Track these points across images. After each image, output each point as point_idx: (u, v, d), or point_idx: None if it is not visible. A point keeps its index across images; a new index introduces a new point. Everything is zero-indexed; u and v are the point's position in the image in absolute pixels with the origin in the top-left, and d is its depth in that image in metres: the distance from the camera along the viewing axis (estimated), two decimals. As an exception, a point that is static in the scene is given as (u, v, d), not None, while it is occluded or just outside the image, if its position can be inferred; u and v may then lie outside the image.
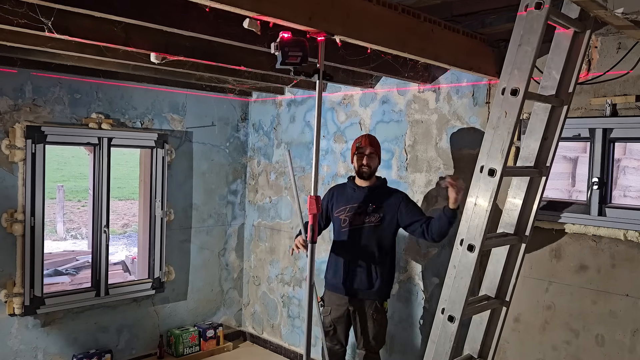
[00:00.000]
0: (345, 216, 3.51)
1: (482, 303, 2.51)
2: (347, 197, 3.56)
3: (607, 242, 3.05)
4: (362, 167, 3.48)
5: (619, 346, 3.02)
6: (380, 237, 3.44)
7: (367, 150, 3.48)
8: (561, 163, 4.05)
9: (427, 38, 2.84)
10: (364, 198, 3.49)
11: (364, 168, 3.48)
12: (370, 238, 3.44)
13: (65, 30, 2.54)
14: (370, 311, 3.44)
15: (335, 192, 3.67)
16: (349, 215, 3.49)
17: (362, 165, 3.48)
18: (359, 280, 3.43)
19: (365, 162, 3.47)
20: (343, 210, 3.54)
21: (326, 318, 3.58)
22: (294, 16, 2.18)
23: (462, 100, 3.71)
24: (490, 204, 2.16)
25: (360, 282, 3.43)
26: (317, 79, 2.48)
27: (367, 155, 3.47)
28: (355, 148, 3.53)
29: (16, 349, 4.08)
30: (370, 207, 3.45)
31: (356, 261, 3.45)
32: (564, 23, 2.33)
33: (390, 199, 3.46)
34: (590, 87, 3.09)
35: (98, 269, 4.46)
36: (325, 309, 3.59)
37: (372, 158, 3.50)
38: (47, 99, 4.10)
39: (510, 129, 2.14)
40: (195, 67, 3.58)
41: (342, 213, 3.54)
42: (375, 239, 3.43)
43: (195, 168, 5.06)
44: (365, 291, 3.44)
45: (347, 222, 3.49)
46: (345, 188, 3.63)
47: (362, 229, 3.45)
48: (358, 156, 3.50)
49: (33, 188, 4.03)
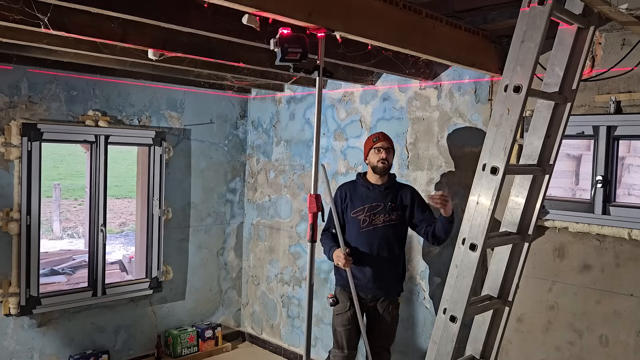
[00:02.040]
0: (365, 216, 3.47)
1: (485, 303, 2.49)
2: (362, 197, 3.52)
3: (611, 241, 3.03)
4: (379, 162, 3.45)
5: (623, 347, 3.00)
6: (399, 234, 3.49)
7: (385, 145, 3.48)
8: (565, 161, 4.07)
9: (429, 34, 2.83)
10: (382, 197, 3.48)
11: (381, 163, 3.45)
12: (391, 236, 3.46)
13: (61, 27, 2.53)
14: (390, 307, 3.48)
15: (348, 191, 3.58)
16: (369, 215, 3.47)
17: (380, 160, 3.45)
18: (387, 279, 3.47)
19: (385, 156, 3.45)
20: (361, 211, 3.49)
21: (344, 315, 3.49)
22: (293, 12, 2.18)
23: (464, 97, 3.69)
24: (492, 203, 2.14)
25: (388, 280, 3.47)
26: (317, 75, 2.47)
27: (385, 150, 3.47)
28: (371, 143, 3.51)
29: (12, 349, 4.05)
30: (389, 205, 3.46)
31: (381, 260, 3.44)
32: (567, 19, 2.30)
33: (404, 195, 3.50)
34: (594, 84, 3.07)
35: (95, 269, 4.45)
36: (341, 306, 3.49)
37: (390, 153, 3.50)
38: (43, 96, 4.09)
39: (513, 126, 2.12)
40: (194, 64, 3.57)
41: (360, 213, 3.49)
42: (395, 237, 3.47)
43: (194, 166, 5.04)
44: (391, 288, 3.50)
45: (368, 222, 3.46)
46: (357, 186, 3.57)
47: (383, 228, 3.45)
48: (375, 151, 3.47)
49: (29, 186, 4.01)
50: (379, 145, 3.47)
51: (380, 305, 3.48)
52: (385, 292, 3.47)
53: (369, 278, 3.43)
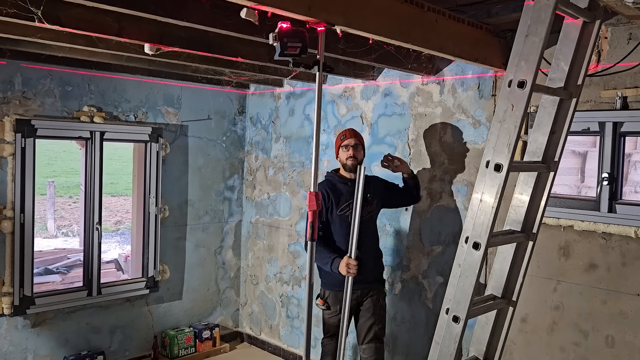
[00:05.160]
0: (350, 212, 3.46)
1: (488, 303, 2.48)
2: (344, 193, 3.51)
3: (618, 239, 3.02)
4: (348, 159, 3.50)
5: (629, 347, 2.99)
6: (375, 224, 3.62)
7: (352, 142, 3.51)
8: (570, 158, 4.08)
9: (431, 28, 2.81)
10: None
11: (350, 160, 3.49)
12: (371, 227, 3.56)
13: (55, 20, 2.51)
14: (379, 299, 3.54)
15: (329, 191, 3.53)
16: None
17: (348, 158, 3.50)
18: (375, 270, 3.56)
19: (352, 153, 3.49)
20: (347, 207, 3.48)
21: (333, 319, 3.53)
22: (293, 6, 2.17)
23: (468, 92, 3.67)
24: (496, 201, 2.12)
25: (375, 271, 3.58)
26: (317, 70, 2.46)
27: (352, 147, 3.51)
28: (339, 141, 3.56)
29: (5, 350, 4.03)
30: (368, 196, 3.50)
31: (368, 252, 3.49)
32: (572, 13, 2.28)
33: (375, 183, 3.62)
34: (600, 79, 3.06)
35: (90, 268, 4.43)
36: (333, 310, 3.52)
37: (358, 150, 3.53)
38: (37, 92, 4.06)
39: (517, 122, 2.10)
40: (191, 59, 3.56)
41: (346, 210, 3.48)
42: (373, 227, 3.59)
43: (191, 163, 5.02)
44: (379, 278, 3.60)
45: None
46: (335, 184, 3.55)
47: (368, 219, 3.51)
48: (344, 149, 3.53)
49: (23, 184, 4.00)
50: (346, 142, 3.52)
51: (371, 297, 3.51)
52: (374, 284, 3.54)
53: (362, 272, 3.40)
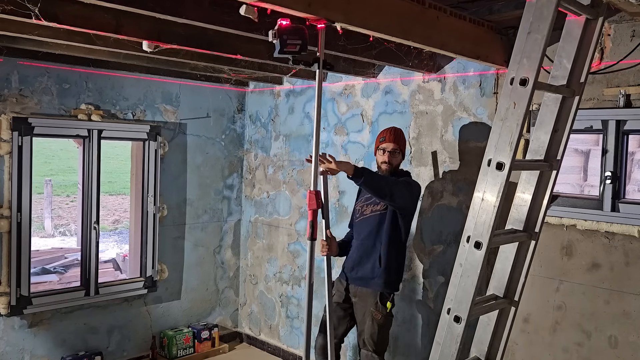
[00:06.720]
0: (360, 206, 3.58)
1: (490, 303, 2.46)
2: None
3: (621, 239, 3.01)
4: (382, 164, 3.47)
5: (633, 348, 2.98)
6: (385, 226, 3.43)
7: (389, 147, 3.46)
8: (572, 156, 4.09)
9: (432, 25, 2.81)
10: None
11: (384, 165, 3.46)
12: (376, 226, 3.46)
13: (53, 17, 2.51)
14: (371, 308, 3.39)
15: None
16: (362, 206, 3.57)
17: (383, 162, 3.47)
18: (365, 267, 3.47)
19: (387, 159, 3.45)
20: (360, 202, 3.61)
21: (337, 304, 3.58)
22: (292, 3, 2.17)
23: (469, 90, 3.66)
24: (498, 199, 2.11)
25: (365, 269, 3.46)
26: (317, 68, 2.47)
27: (389, 152, 3.46)
28: (378, 142, 3.52)
29: (2, 350, 4.02)
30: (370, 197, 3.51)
31: (364, 249, 3.49)
32: (575, 10, 2.27)
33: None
34: (603, 77, 3.05)
35: (87, 267, 4.42)
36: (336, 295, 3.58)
37: (395, 155, 3.47)
38: (34, 89, 4.05)
39: (519, 120, 2.09)
40: (190, 56, 3.56)
41: (359, 204, 3.62)
42: (379, 228, 3.45)
43: (190, 161, 5.01)
44: (369, 278, 3.42)
45: (360, 213, 3.57)
46: None
47: (370, 217, 3.49)
48: (380, 152, 3.49)
49: (19, 182, 3.99)
50: (383, 146, 3.48)
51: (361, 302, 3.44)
52: (363, 283, 3.46)
53: (351, 265, 3.52)
